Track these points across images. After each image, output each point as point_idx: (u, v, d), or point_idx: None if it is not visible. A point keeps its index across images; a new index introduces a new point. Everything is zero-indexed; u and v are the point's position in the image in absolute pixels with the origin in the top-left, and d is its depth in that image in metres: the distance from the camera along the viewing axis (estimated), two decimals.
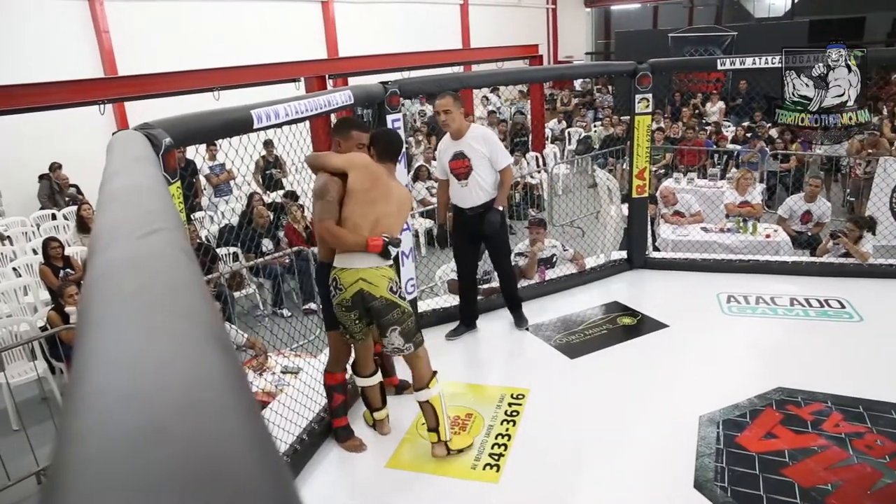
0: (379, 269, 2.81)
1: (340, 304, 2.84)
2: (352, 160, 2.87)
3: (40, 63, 8.31)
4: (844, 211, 8.23)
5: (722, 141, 9.90)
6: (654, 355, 3.84)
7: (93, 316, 0.49)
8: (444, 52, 12.41)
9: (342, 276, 2.80)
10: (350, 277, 2.78)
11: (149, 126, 2.04)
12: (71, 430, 0.36)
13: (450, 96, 3.81)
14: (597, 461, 2.92)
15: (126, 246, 0.65)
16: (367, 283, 2.78)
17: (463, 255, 4.11)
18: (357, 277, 2.78)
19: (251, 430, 0.37)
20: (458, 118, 3.83)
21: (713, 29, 14.96)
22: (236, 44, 10.59)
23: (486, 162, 3.84)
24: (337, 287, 2.82)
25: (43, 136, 8.39)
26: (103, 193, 1.06)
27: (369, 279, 2.78)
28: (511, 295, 4.29)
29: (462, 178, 3.87)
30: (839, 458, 2.82)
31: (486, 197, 3.87)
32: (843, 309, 4.28)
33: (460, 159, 3.85)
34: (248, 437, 0.36)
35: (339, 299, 2.83)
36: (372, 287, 2.78)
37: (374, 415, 3.20)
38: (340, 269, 2.81)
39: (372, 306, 2.80)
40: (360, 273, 2.78)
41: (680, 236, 5.87)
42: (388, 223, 2.87)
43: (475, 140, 3.84)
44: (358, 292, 2.78)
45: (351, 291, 2.79)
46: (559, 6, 20.65)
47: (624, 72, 4.92)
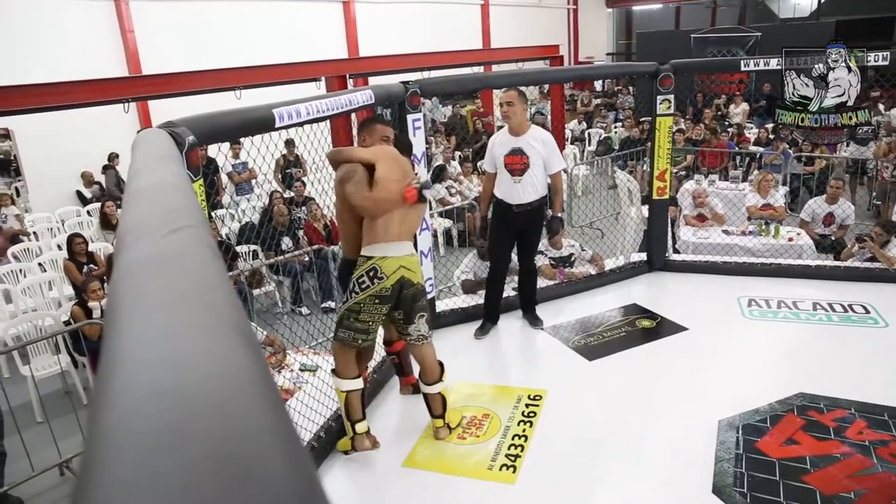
0: (414, 257, 2.93)
1: (378, 293, 2.81)
2: (381, 152, 2.93)
3: (67, 62, 8.44)
4: (870, 215, 8.09)
5: (744, 143, 9.77)
6: (673, 358, 3.80)
7: (121, 313, 0.49)
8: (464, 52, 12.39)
9: (384, 265, 2.81)
10: (392, 265, 2.82)
11: (173, 124, 2.07)
12: (101, 428, 0.36)
13: (515, 90, 3.89)
14: (614, 464, 2.90)
15: (152, 243, 0.66)
16: (407, 271, 2.86)
17: (501, 251, 4.13)
18: (399, 265, 2.83)
19: (278, 427, 0.37)
20: (521, 113, 3.89)
21: (736, 30, 14.78)
22: (258, 43, 10.68)
23: (542, 163, 3.91)
24: (377, 276, 2.80)
25: (67, 134, 8.52)
26: (129, 191, 1.07)
27: (409, 266, 2.87)
28: (532, 294, 4.34)
29: (517, 175, 3.90)
30: (863, 465, 2.77)
31: (535, 195, 3.94)
32: (868, 314, 4.21)
33: (518, 155, 3.89)
34: (275, 434, 0.36)
35: (379, 288, 2.81)
36: (412, 274, 2.87)
37: (357, 427, 2.96)
38: (381, 257, 2.82)
39: (408, 293, 2.88)
40: (401, 261, 2.84)
41: (701, 239, 5.81)
42: (413, 214, 2.95)
43: (536, 140, 3.90)
44: (399, 280, 2.83)
45: (393, 279, 2.82)
46: (580, 6, 20.54)
47: (646, 73, 4.88)
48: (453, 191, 8.23)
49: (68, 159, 8.71)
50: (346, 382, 2.92)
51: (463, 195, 8.17)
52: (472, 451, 3.04)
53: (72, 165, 8.78)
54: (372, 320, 2.87)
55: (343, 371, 2.94)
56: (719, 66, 10.56)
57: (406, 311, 2.93)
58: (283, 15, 11.65)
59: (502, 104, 3.89)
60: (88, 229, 7.45)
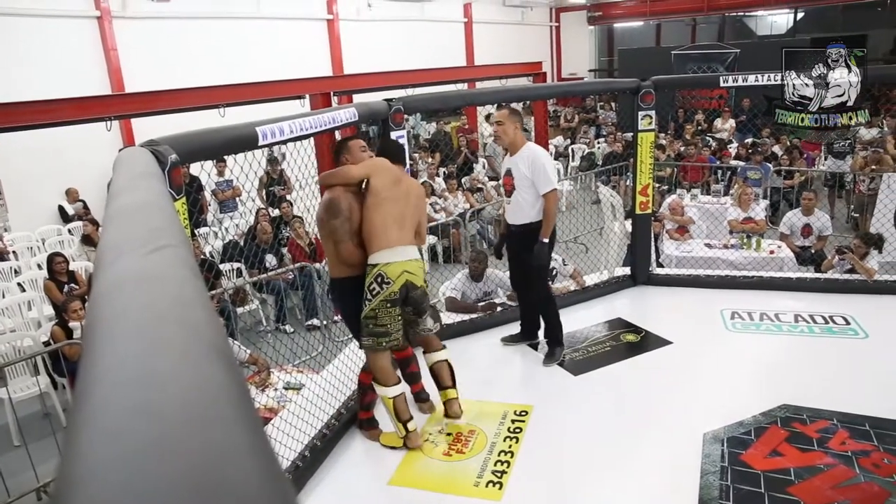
0: (417, 261, 3.06)
1: (388, 298, 2.96)
2: (373, 165, 3.08)
3: (50, 80, 8.40)
4: (849, 227, 8.23)
5: (726, 157, 9.92)
6: (657, 372, 3.82)
7: (99, 331, 0.49)
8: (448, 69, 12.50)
9: (388, 270, 2.96)
10: (397, 270, 2.96)
11: (155, 143, 2.06)
12: (77, 443, 0.36)
13: (507, 109, 3.84)
14: (600, 478, 2.90)
15: (132, 262, 0.66)
16: (410, 275, 3.00)
17: (513, 267, 4.11)
18: (402, 269, 2.98)
19: (254, 443, 0.37)
20: (511, 132, 3.78)
21: (716, 46, 15.05)
22: (242, 61, 10.70)
23: (529, 183, 3.74)
24: (385, 281, 2.96)
25: (49, 152, 8.45)
26: (110, 209, 1.07)
27: (412, 270, 3.01)
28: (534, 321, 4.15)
29: (507, 195, 3.89)
30: (846, 476, 2.79)
31: (526, 218, 3.79)
32: (849, 325, 4.26)
33: (507, 176, 3.85)
34: (251, 450, 0.36)
35: (388, 293, 2.96)
36: (414, 277, 3.02)
37: (408, 426, 3.11)
38: (385, 263, 2.96)
39: (413, 295, 3.03)
40: (404, 265, 2.98)
41: (683, 252, 5.87)
42: (411, 218, 3.09)
43: (523, 161, 3.76)
44: (405, 283, 2.98)
45: (399, 283, 2.97)
46: (563, 24, 20.82)
47: (627, 89, 4.94)
48: (438, 207, 8.26)
49: (49, 177, 8.62)
50: (389, 390, 3.07)
51: (448, 211, 8.19)
52: (459, 468, 3.02)
53: (53, 183, 8.69)
54: (389, 322, 3.01)
55: (383, 379, 3.07)
56: (699, 83, 10.74)
57: (416, 308, 3.09)
58: (267, 33, 11.69)
59: (493, 123, 3.86)
60: (70, 248, 7.37)
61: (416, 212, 3.15)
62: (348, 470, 3.06)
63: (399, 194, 3.06)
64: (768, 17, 19.22)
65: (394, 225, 2.99)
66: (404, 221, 3.04)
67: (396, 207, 3.03)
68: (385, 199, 3.00)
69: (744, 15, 19.37)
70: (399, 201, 3.05)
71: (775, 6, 17.72)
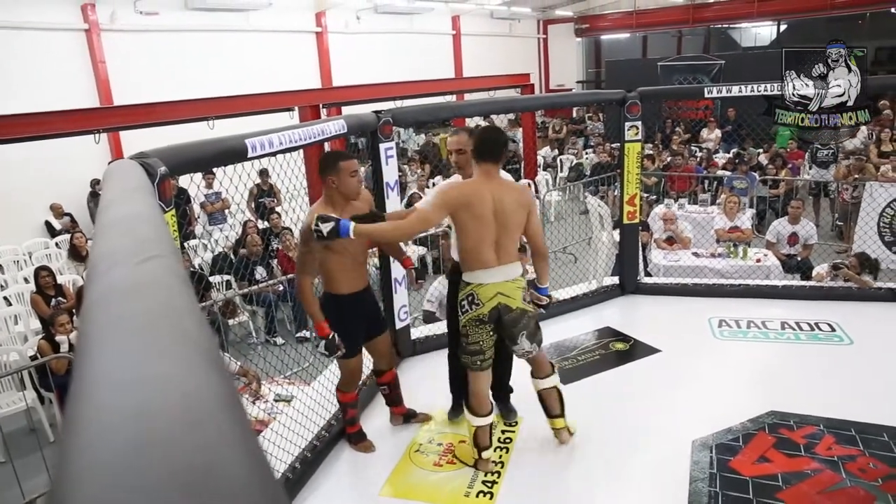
0: (515, 282, 2.87)
1: (477, 317, 2.84)
2: (445, 200, 2.77)
3: (38, 93, 8.38)
4: (833, 235, 8.33)
5: (713, 167, 10.03)
6: (646, 380, 3.84)
7: (92, 338, 0.51)
8: (436, 81, 12.60)
9: (480, 292, 2.82)
10: (489, 292, 2.82)
11: (144, 155, 2.07)
12: (71, 447, 0.37)
13: (465, 133, 3.25)
14: (590, 488, 2.91)
15: (123, 272, 0.67)
16: (504, 297, 2.83)
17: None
18: (496, 292, 2.82)
19: (245, 445, 0.39)
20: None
21: (701, 58, 15.26)
22: (231, 74, 10.72)
23: None
24: (474, 302, 2.83)
25: (37, 165, 8.41)
26: (100, 222, 1.08)
27: (507, 292, 2.83)
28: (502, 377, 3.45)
29: None
30: (832, 481, 2.82)
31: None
32: (834, 332, 4.31)
33: None
34: (241, 452, 0.38)
35: (477, 313, 2.84)
36: (509, 300, 2.83)
37: (483, 454, 3.01)
38: (477, 284, 2.83)
39: (509, 319, 2.85)
40: (498, 287, 2.82)
41: (671, 261, 5.92)
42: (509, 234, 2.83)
43: None
44: (496, 307, 2.83)
45: (489, 306, 2.82)
46: (550, 36, 21.02)
47: (613, 100, 5.00)
48: None
49: (36, 190, 8.58)
50: (478, 420, 2.97)
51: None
52: (449, 479, 3.02)
53: (40, 196, 8.64)
54: (481, 340, 2.89)
55: (476, 406, 2.97)
56: (684, 93, 10.88)
57: (509, 335, 2.90)
58: (256, 45, 11.73)
59: (451, 152, 3.23)
60: (57, 261, 7.32)
61: (516, 226, 2.86)
62: (339, 481, 3.05)
63: (490, 213, 2.76)
64: (752, 29, 19.51)
65: (488, 247, 2.78)
66: (500, 240, 2.81)
67: (489, 229, 2.77)
68: (474, 226, 2.76)
69: (728, 27, 19.66)
70: (491, 222, 2.77)
71: (759, 18, 17.99)
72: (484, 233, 2.78)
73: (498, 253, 2.82)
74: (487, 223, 2.77)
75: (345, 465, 3.18)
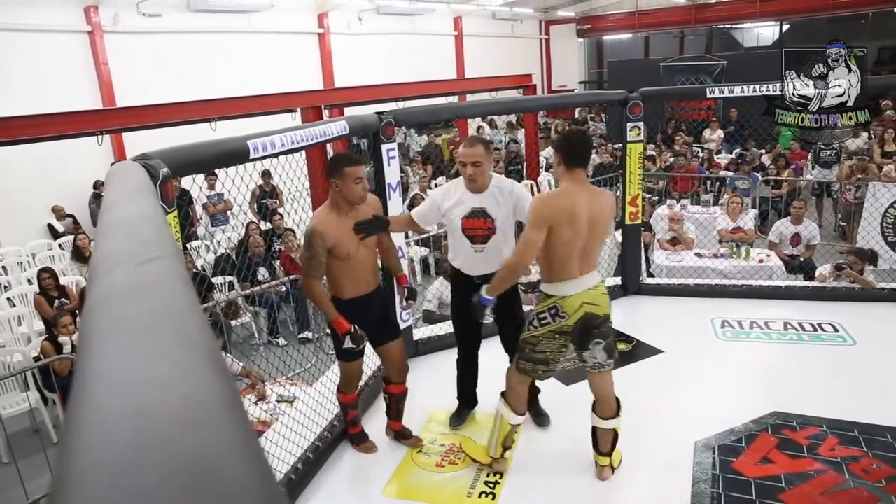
0: (597, 288, 2.74)
1: (559, 329, 2.71)
2: (539, 217, 2.63)
3: (41, 94, 8.40)
4: (836, 235, 8.31)
5: (715, 168, 10.01)
6: (648, 381, 3.84)
7: (93, 339, 0.51)
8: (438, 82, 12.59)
9: (565, 304, 2.68)
10: (574, 304, 2.68)
11: (147, 157, 2.08)
12: (72, 447, 0.38)
13: (481, 144, 3.07)
14: (593, 488, 2.90)
15: (125, 273, 0.68)
16: (591, 306, 2.69)
17: (469, 330, 3.37)
18: (581, 302, 2.68)
19: (245, 446, 0.39)
20: (488, 171, 3.08)
21: (704, 58, 15.25)
22: (233, 75, 10.74)
23: (509, 218, 3.11)
24: (558, 315, 2.69)
25: (40, 166, 8.44)
26: (103, 223, 1.08)
27: (593, 300, 2.70)
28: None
29: (478, 242, 3.09)
30: (835, 482, 2.81)
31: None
32: (836, 332, 4.30)
33: (480, 218, 3.07)
34: (241, 453, 0.38)
35: (560, 325, 2.70)
36: (595, 307, 2.70)
37: (505, 453, 2.99)
38: (562, 297, 2.69)
39: (593, 326, 2.70)
40: (582, 297, 2.68)
41: (674, 262, 5.92)
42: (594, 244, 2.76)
43: (500, 191, 3.08)
44: (583, 316, 2.69)
45: (576, 317, 2.68)
46: (552, 36, 21.02)
47: (615, 101, 5.00)
48: None
49: (39, 192, 8.61)
50: (513, 417, 2.92)
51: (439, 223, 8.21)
52: (451, 480, 3.02)
53: (42, 198, 8.67)
54: (550, 351, 2.79)
55: (514, 403, 2.92)
56: (686, 94, 10.87)
57: (585, 342, 2.73)
58: (258, 47, 11.75)
59: (465, 164, 3.00)
60: (60, 263, 7.34)
61: (604, 234, 2.80)
62: (341, 482, 3.06)
63: (584, 225, 2.63)
64: (755, 30, 19.50)
65: (576, 260, 2.67)
66: (587, 249, 2.70)
67: (579, 242, 2.65)
68: (567, 239, 2.62)
69: (731, 27, 19.65)
70: (581, 235, 2.64)
71: (761, 19, 17.98)
72: (575, 245, 2.64)
73: (582, 262, 2.70)
74: (580, 235, 2.64)
75: (347, 466, 3.18)
